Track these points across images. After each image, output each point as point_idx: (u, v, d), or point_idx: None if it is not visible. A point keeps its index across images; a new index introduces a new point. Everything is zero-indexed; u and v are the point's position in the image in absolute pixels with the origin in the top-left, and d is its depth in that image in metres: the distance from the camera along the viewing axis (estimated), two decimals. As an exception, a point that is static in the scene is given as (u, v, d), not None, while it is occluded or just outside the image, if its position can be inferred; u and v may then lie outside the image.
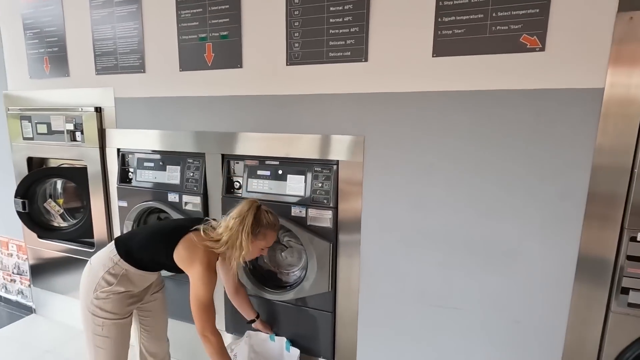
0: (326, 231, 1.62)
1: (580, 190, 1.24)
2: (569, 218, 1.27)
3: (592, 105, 1.19)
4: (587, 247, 1.26)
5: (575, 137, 1.23)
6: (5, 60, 2.33)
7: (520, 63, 1.26)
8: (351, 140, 1.53)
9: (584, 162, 1.23)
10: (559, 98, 1.23)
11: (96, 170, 2.11)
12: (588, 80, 1.19)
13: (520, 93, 1.27)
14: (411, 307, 1.55)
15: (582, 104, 1.21)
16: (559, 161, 1.26)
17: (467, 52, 1.31)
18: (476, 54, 1.30)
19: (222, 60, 1.71)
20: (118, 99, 2.01)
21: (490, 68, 1.30)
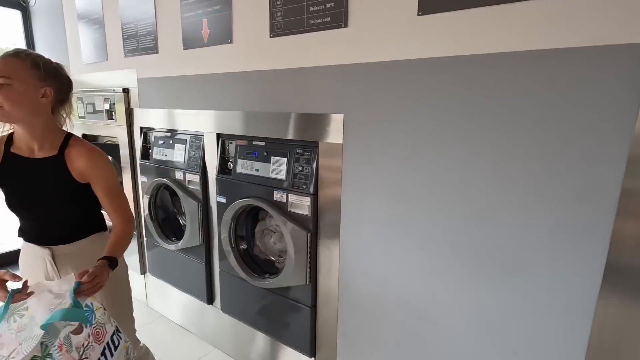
0: (304, 219, 1.48)
1: (608, 189, 0.89)
2: (591, 225, 0.93)
3: (631, 70, 0.83)
4: (615, 267, 0.91)
5: (603, 116, 0.88)
6: (67, 47, 2.66)
7: (525, 14, 0.94)
8: (330, 119, 1.35)
9: (616, 150, 0.87)
10: (581, 60, 0.89)
11: (125, 147, 2.29)
12: (624, 33, 0.83)
13: (525, 56, 0.95)
14: (391, 315, 1.34)
15: (616, 67, 0.85)
16: (580, 149, 0.92)
17: (461, 6, 1.03)
18: (471, 7, 1.01)
19: (216, 37, 1.67)
20: (140, 79, 2.12)
21: (488, 24, 1.00)
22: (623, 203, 0.87)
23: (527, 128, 0.98)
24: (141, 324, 2.28)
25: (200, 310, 2.10)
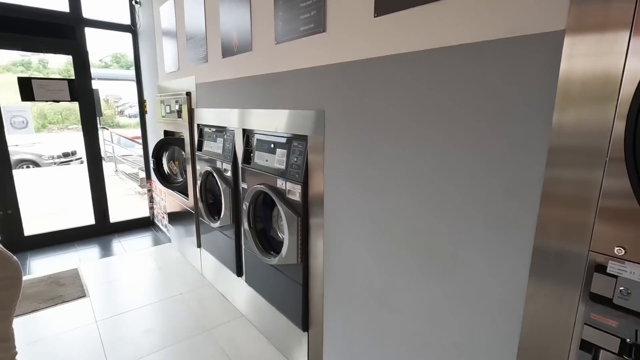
0: (297, 205, 1.66)
1: (532, 184, 0.87)
2: (518, 222, 0.91)
3: (548, 58, 0.81)
4: (542, 255, 0.87)
5: (525, 107, 0.86)
6: (158, 60, 3.30)
7: (461, 7, 0.96)
8: (314, 114, 1.50)
9: (536, 142, 0.85)
10: (504, 50, 0.88)
11: (188, 141, 2.77)
12: (541, 22, 0.81)
13: (461, 49, 0.97)
14: (361, 299, 1.43)
15: (534, 56, 0.83)
16: (505, 140, 0.91)
17: (406, 5, 1.08)
18: (415, 5, 1.06)
19: (241, 46, 1.95)
20: (197, 84, 2.56)
21: (430, 21, 1.04)
22: (546, 192, 0.84)
23: (461, 121, 1.00)
24: (194, 288, 2.75)
25: (233, 280, 2.44)
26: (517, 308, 0.94)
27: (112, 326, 2.27)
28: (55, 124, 18.81)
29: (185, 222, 3.12)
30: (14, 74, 3.08)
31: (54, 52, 3.36)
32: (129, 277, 2.94)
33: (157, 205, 4.02)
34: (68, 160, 9.53)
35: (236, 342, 2.12)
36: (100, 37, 4.02)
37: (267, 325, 2.13)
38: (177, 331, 2.22)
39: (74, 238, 3.72)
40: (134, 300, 2.58)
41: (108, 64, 22.48)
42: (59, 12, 3.31)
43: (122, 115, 20.16)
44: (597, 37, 0.72)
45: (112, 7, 3.72)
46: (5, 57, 17.78)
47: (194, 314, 2.41)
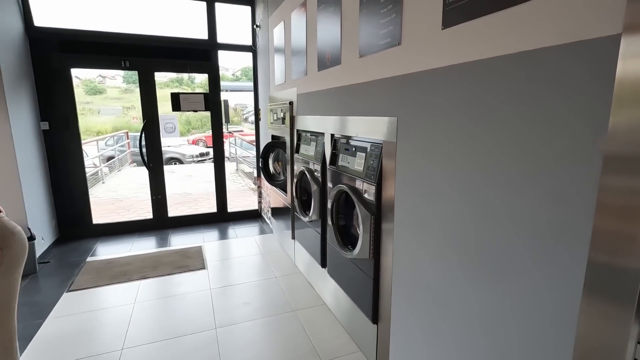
0: (371, 204, 1.80)
1: (585, 194, 0.85)
2: (571, 232, 0.89)
3: (603, 63, 0.79)
4: (596, 267, 0.84)
5: (578, 114, 0.85)
6: (270, 74, 3.83)
7: (517, 16, 0.98)
8: (388, 121, 1.63)
9: (589, 150, 0.83)
10: (554, 58, 0.88)
11: (288, 144, 3.16)
12: (595, 27, 0.80)
13: (519, 57, 0.99)
14: (422, 298, 1.49)
15: (589, 62, 0.82)
16: (556, 148, 0.90)
17: (471, 17, 1.14)
18: (479, 17, 1.11)
19: (332, 60, 2.19)
20: (298, 94, 2.91)
21: (492, 31, 1.08)
22: (600, 202, 0.81)
23: (517, 127, 1.01)
24: (286, 274, 3.11)
25: (318, 271, 2.70)
26: (569, 323, 0.91)
27: (221, 294, 2.77)
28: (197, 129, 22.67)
29: (283, 216, 3.53)
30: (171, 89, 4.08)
31: (196, 72, 4.21)
32: (237, 258, 3.49)
33: (264, 200, 4.61)
34: (203, 159, 11.46)
35: (316, 325, 2.36)
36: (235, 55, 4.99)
37: (344, 315, 2.31)
38: (269, 307, 2.58)
39: (201, 222, 4.56)
40: (239, 277, 3.07)
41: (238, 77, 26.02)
42: (200, 40, 4.14)
43: (247, 121, 23.03)
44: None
45: (239, 31, 4.45)
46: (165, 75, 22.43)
47: (284, 296, 2.75)
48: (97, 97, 23.21)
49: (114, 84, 24.99)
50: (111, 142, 10.07)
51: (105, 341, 2.21)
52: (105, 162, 8.90)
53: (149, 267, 3.22)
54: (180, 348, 2.14)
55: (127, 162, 10.38)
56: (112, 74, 25.01)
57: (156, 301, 2.68)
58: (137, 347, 2.16)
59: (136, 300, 2.68)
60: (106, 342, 2.20)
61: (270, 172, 3.72)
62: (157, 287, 2.91)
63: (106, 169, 8.66)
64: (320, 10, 2.30)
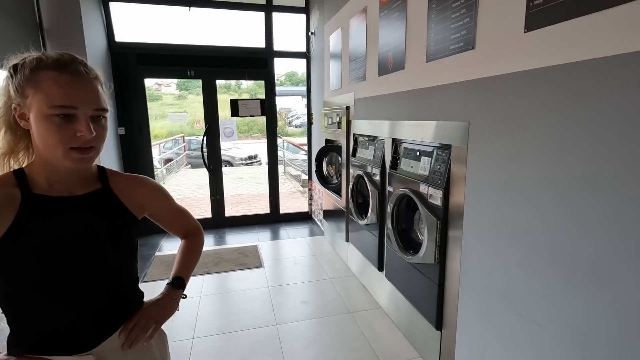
0: (437, 209, 1.79)
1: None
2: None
3: None
4: None
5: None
6: (325, 80, 3.92)
7: (607, 19, 0.95)
8: (459, 125, 1.62)
9: None
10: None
11: (344, 148, 3.21)
12: None
13: (602, 61, 0.96)
14: (497, 305, 1.46)
15: None
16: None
17: (555, 21, 1.11)
18: (565, 20, 1.09)
19: (395, 65, 2.21)
20: (356, 99, 2.96)
21: (577, 35, 1.05)
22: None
23: (616, 131, 0.97)
24: (340, 276, 3.16)
25: (374, 274, 2.71)
26: (678, 337, 0.86)
27: (279, 292, 2.88)
28: (244, 132, 23.62)
29: (336, 218, 3.59)
30: (219, 95, 4.45)
31: (254, 79, 4.42)
32: (291, 258, 3.60)
33: (315, 203, 4.70)
34: (251, 162, 11.90)
35: (374, 329, 2.37)
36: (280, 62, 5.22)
37: (402, 320, 2.30)
38: (326, 308, 2.64)
39: (255, 222, 4.75)
40: (294, 276, 3.17)
41: (282, 82, 26.75)
42: (258, 48, 4.34)
43: (291, 125, 23.57)
44: None
45: (293, 38, 4.60)
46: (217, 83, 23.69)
47: (339, 297, 2.79)
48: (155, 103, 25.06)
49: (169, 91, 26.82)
50: (169, 145, 10.80)
51: (178, 330, 2.39)
52: (164, 165, 9.57)
53: (211, 263, 3.42)
54: (246, 340, 2.26)
55: (183, 164, 11.06)
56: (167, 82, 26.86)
57: (220, 295, 2.85)
58: (207, 337, 2.31)
59: (202, 294, 2.87)
60: (178, 330, 2.38)
61: (324, 175, 3.80)
62: (220, 282, 3.09)
63: (165, 171, 9.31)
64: (383, 16, 2.34)
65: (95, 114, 0.74)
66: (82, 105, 0.71)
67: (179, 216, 1.07)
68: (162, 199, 1.01)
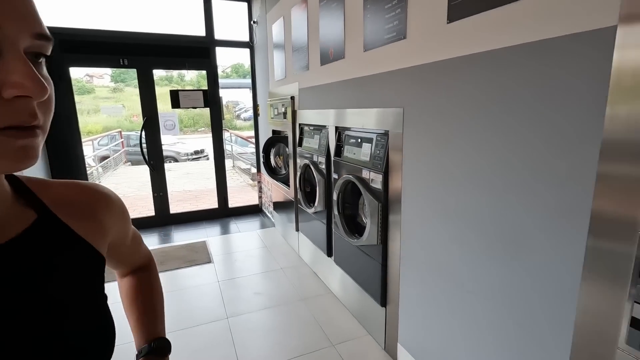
0: (378, 193, 1.88)
1: (587, 176, 0.94)
2: (575, 209, 0.98)
3: (600, 54, 0.88)
4: (594, 249, 0.93)
5: (581, 99, 0.94)
6: (269, 70, 3.87)
7: (523, 8, 1.06)
8: (394, 112, 1.70)
9: (591, 133, 0.92)
10: (561, 49, 0.97)
11: (291, 138, 3.22)
12: (594, 19, 0.88)
13: (520, 49, 1.07)
14: (434, 279, 1.58)
15: (587, 54, 0.90)
16: (567, 131, 0.99)
17: (474, 12, 1.22)
18: (481, 12, 1.19)
19: (336, 55, 2.26)
20: (300, 89, 2.97)
21: (493, 25, 1.16)
22: (599, 187, 0.90)
23: (521, 115, 1.09)
24: (292, 266, 3.19)
25: (324, 260, 2.78)
26: (573, 291, 1.00)
27: (230, 286, 2.84)
28: (189, 127, 22.56)
29: (286, 209, 3.60)
30: (161, 87, 4.13)
31: (194, 69, 4.23)
32: (241, 251, 3.55)
33: (265, 195, 4.67)
34: (198, 157, 11.44)
35: (325, 313, 2.44)
36: (225, 52, 5.11)
37: (352, 301, 2.39)
38: (279, 297, 2.66)
39: (203, 218, 4.60)
40: (245, 269, 3.14)
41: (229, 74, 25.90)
42: (198, 37, 4.16)
43: (239, 118, 22.95)
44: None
45: (236, 28, 4.47)
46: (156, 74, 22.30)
47: (292, 286, 2.83)
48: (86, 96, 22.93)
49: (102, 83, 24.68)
50: (104, 141, 10.00)
51: (124, 333, 2.26)
52: (99, 162, 8.86)
53: (157, 262, 3.26)
54: (198, 336, 2.21)
55: (122, 161, 10.32)
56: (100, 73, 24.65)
57: (168, 294, 2.73)
58: (153, 337, 2.22)
59: (147, 294, 2.73)
60: (125, 334, 2.25)
61: (272, 166, 3.78)
62: (168, 280, 2.97)
63: (101, 169, 8.62)
64: (323, 5, 2.36)
65: (34, 46, 0.35)
66: (11, 23, 0.33)
67: (134, 244, 0.71)
68: (126, 221, 0.64)
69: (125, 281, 0.76)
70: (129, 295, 0.76)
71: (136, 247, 0.74)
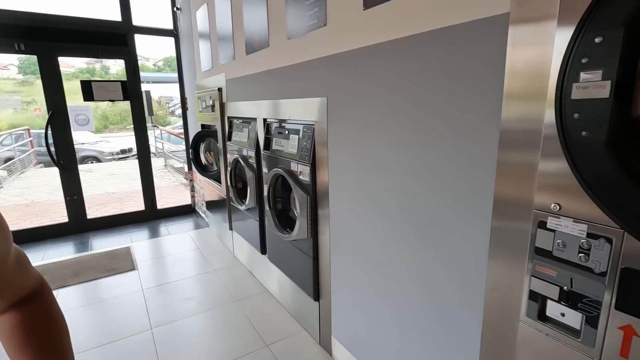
0: (307, 185, 1.83)
1: (490, 153, 0.97)
2: (481, 192, 1.01)
3: (497, 40, 0.90)
4: (497, 235, 0.97)
5: (482, 83, 0.96)
6: (196, 60, 3.63)
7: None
8: (318, 101, 1.66)
9: (491, 117, 0.95)
10: (462, 35, 0.98)
11: (220, 132, 3.05)
12: (489, 5, 0.91)
13: (428, 36, 1.08)
14: (362, 269, 1.57)
15: (485, 39, 0.93)
16: (470, 116, 1.01)
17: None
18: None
19: (260, 44, 2.16)
20: (227, 80, 2.82)
21: (406, 10, 1.15)
22: (499, 171, 0.94)
23: (437, 98, 1.11)
24: (226, 266, 3.03)
25: (258, 258, 2.68)
26: (482, 269, 1.04)
27: (156, 293, 2.61)
28: (116, 124, 20.68)
29: (219, 208, 3.42)
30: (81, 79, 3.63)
31: (110, 57, 3.82)
32: (171, 255, 3.30)
33: (198, 194, 4.41)
34: (125, 156, 10.51)
35: (260, 312, 2.35)
36: (154, 43, 4.59)
37: (286, 298, 2.33)
38: (211, 300, 2.51)
39: (127, 221, 4.21)
40: (174, 274, 2.92)
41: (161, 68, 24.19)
42: (113, 22, 3.75)
43: (174, 115, 21.60)
44: (535, 26, 0.81)
45: (158, 14, 4.13)
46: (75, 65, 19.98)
47: (225, 288, 2.68)
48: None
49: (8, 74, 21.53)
50: (8, 141, 8.71)
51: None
52: (2, 164, 7.70)
53: (69, 275, 2.89)
54: (114, 354, 1.98)
55: (32, 162, 9.09)
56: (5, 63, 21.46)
57: (82, 309, 2.43)
58: None
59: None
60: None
61: (202, 163, 3.57)
62: (82, 293, 2.64)
63: (4, 172, 7.50)
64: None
65: None
66: None
67: (18, 267, 0.56)
68: (6, 238, 0.53)
69: (7, 319, 0.55)
70: (15, 337, 0.55)
71: (21, 272, 0.57)
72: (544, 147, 0.82)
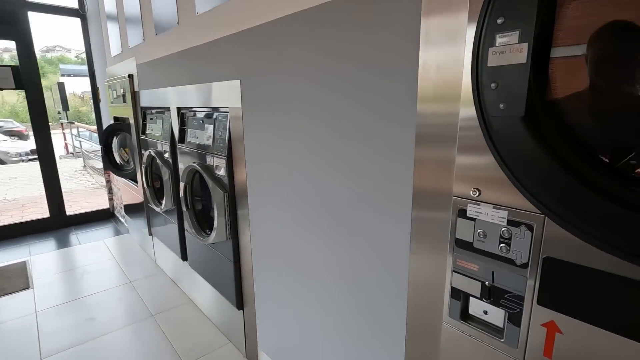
0: (224, 180, 1.62)
1: (408, 137, 0.86)
2: (401, 184, 0.90)
3: (411, 12, 0.79)
4: (417, 228, 0.86)
5: (398, 58, 0.85)
6: (105, 44, 3.19)
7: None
8: (232, 85, 1.46)
9: (408, 98, 0.83)
10: (380, 6, 0.86)
11: (134, 125, 2.69)
12: (401, -36, 0.79)
13: (341, 4, 0.95)
14: (285, 272, 1.41)
15: (399, 10, 0.81)
16: (385, 100, 0.89)
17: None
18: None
19: (170, 21, 1.88)
20: (138, 65, 2.47)
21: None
22: (417, 168, 0.83)
23: (350, 78, 0.97)
24: (146, 276, 2.69)
25: (180, 266, 2.40)
26: (404, 267, 0.93)
27: (53, 315, 2.21)
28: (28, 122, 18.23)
29: (138, 210, 3.04)
30: None
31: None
32: (80, 268, 2.86)
33: (116, 196, 3.92)
34: (36, 157, 9.24)
35: (181, 326, 2.08)
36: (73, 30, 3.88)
37: (211, 308, 2.10)
38: (120, 318, 2.17)
39: (27, 232, 3.60)
40: (80, 290, 2.51)
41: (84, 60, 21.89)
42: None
43: (98, 111, 19.60)
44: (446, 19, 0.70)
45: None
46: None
47: (140, 301, 2.36)
48: None
49: None
50: None
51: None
52: None
53: None
54: (-18, 398, 1.60)
55: None
56: None
57: (-55, 344, 1.96)
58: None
59: None
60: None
61: (116, 161, 3.14)
62: (-51, 324, 2.13)
63: None
64: (150, -40, 1.95)
65: None
66: None
67: None
68: None
69: None
70: None
71: None
72: (461, 127, 0.72)
